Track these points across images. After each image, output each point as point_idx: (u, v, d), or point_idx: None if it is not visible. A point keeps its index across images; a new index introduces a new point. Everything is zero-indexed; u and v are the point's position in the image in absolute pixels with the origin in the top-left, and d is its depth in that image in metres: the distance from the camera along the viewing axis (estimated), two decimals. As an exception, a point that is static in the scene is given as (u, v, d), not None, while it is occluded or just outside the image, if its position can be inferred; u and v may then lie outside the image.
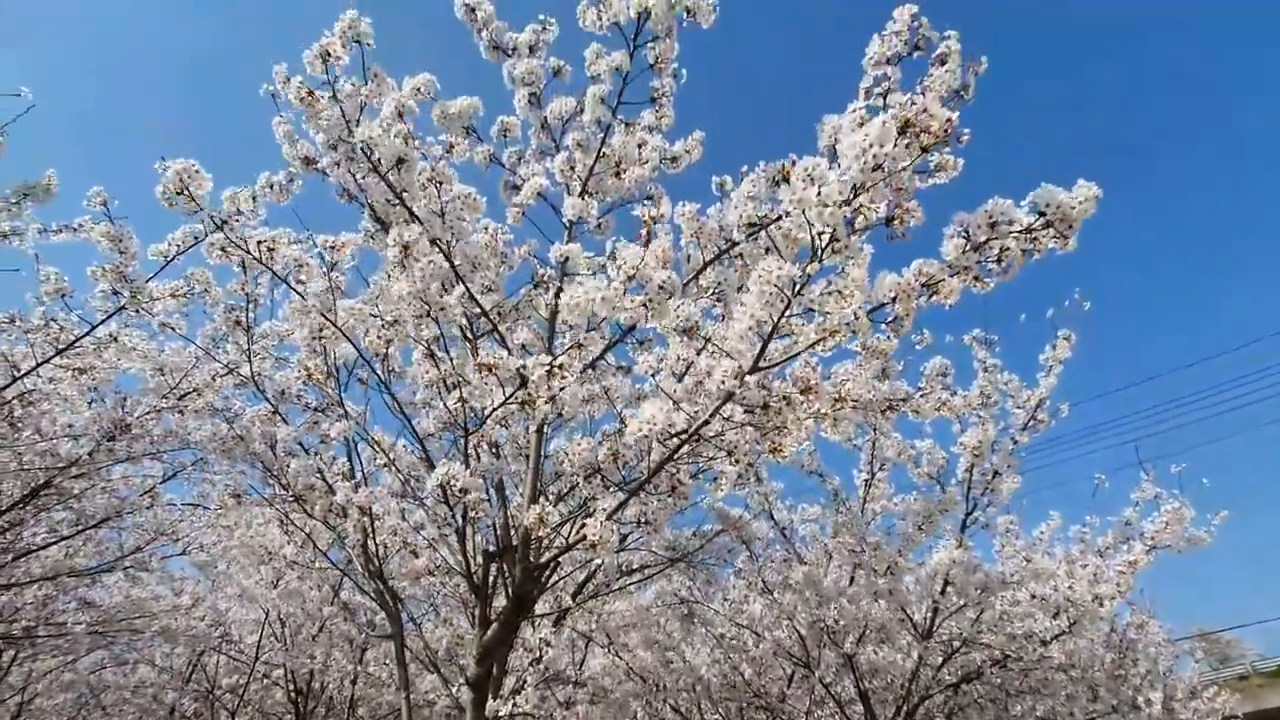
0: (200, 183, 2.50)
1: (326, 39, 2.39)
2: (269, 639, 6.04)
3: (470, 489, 2.34)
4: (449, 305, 2.38)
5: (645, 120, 3.02)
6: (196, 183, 2.48)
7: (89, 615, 4.95)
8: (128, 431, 3.70)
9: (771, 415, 2.24)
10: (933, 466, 4.26)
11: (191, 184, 2.46)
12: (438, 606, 5.49)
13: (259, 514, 5.06)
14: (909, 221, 2.01)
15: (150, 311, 3.29)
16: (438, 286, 2.55)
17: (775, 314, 2.06)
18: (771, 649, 4.82)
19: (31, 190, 3.89)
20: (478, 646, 2.54)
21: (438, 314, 2.48)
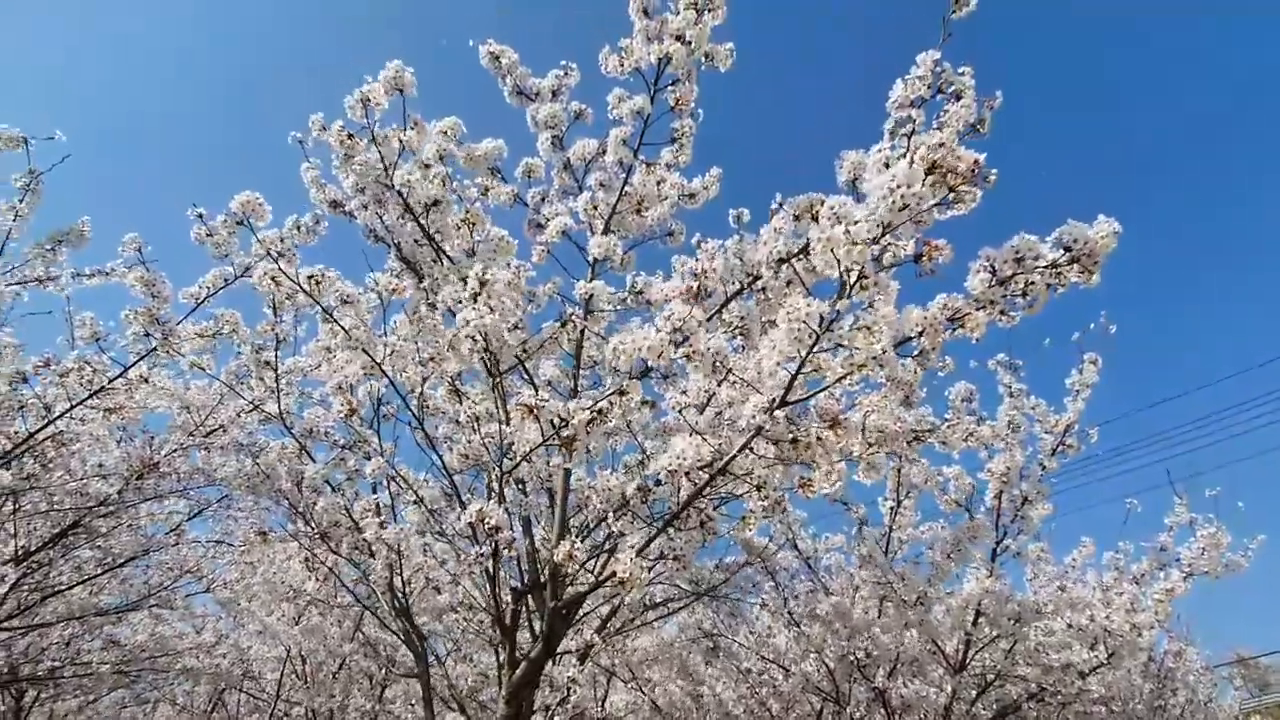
0: (261, 213, 2.57)
1: (369, 86, 2.47)
2: (289, 676, 6.01)
3: (502, 526, 2.34)
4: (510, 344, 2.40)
5: (664, 158, 3.07)
6: (258, 213, 2.56)
7: (114, 654, 4.95)
8: (156, 470, 3.75)
9: (800, 451, 2.23)
10: (960, 493, 4.19)
11: (253, 214, 2.54)
12: (458, 643, 5.44)
13: (281, 550, 5.08)
14: (937, 259, 2.02)
15: (180, 352, 3.36)
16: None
17: (804, 349, 2.07)
18: (800, 683, 4.72)
19: (66, 236, 4.02)
20: (507, 687, 2.52)
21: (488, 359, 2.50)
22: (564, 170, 3.07)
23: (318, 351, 3.42)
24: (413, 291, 3.16)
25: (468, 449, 3.21)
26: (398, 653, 6.05)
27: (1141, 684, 5.56)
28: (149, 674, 5.19)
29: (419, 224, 2.58)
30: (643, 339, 2.28)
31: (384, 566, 3.00)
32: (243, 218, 2.82)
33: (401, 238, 3.04)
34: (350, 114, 2.60)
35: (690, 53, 2.64)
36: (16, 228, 3.79)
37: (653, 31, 2.76)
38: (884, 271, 2.06)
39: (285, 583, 4.96)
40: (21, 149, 3.69)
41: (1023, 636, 4.38)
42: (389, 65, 2.63)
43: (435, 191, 2.49)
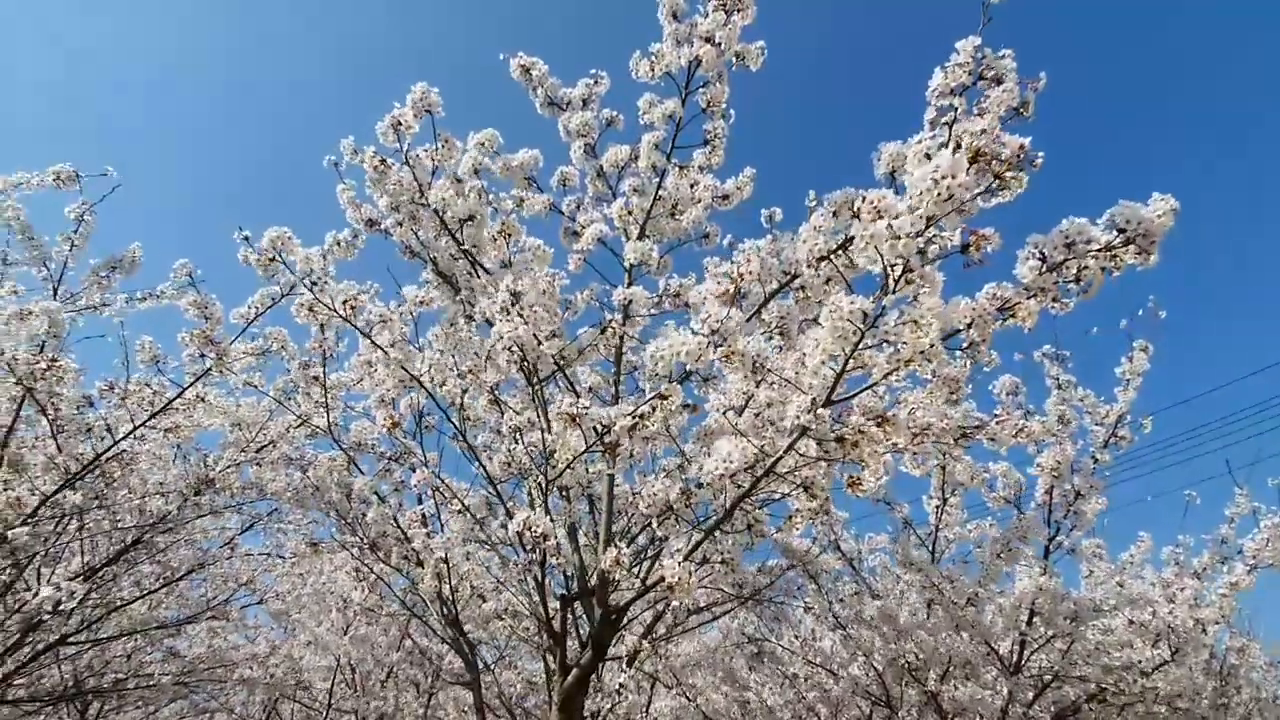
0: (291, 248, 2.65)
1: (398, 110, 2.53)
2: (340, 685, 6.12)
3: (548, 534, 2.36)
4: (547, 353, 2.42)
5: (697, 161, 3.07)
6: (289, 248, 2.64)
7: (174, 666, 5.11)
8: (211, 485, 3.86)
9: (847, 449, 2.20)
10: (1009, 490, 4.09)
11: (284, 249, 2.62)
12: (503, 651, 5.49)
13: (329, 561, 5.19)
14: (985, 248, 1.98)
15: (233, 371, 3.47)
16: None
17: (848, 347, 2.05)
18: (849, 687, 4.64)
19: (119, 263, 4.18)
20: (558, 693, 2.53)
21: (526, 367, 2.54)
22: (597, 177, 3.09)
23: (359, 366, 3.51)
24: (449, 305, 3.22)
25: (510, 457, 3.25)
26: (443, 661, 6.13)
27: (1204, 682, 5.34)
28: (207, 684, 5.35)
29: (455, 239, 2.63)
30: (681, 343, 2.28)
31: (432, 575, 3.04)
32: (275, 253, 2.91)
33: (437, 252, 3.10)
34: (383, 139, 2.66)
35: (720, 54, 2.64)
36: (72, 257, 3.97)
37: (682, 35, 2.77)
38: (929, 264, 2.03)
39: (334, 592, 5.06)
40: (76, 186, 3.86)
41: (1080, 636, 4.24)
42: (415, 88, 2.68)
43: (471, 206, 2.52)
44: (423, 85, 2.53)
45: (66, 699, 4.91)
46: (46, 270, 3.88)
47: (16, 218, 3.78)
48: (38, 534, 3.28)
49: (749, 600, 4.14)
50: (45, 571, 4.01)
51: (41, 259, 3.86)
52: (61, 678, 4.94)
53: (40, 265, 3.87)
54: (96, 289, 4.03)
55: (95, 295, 4.02)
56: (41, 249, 3.86)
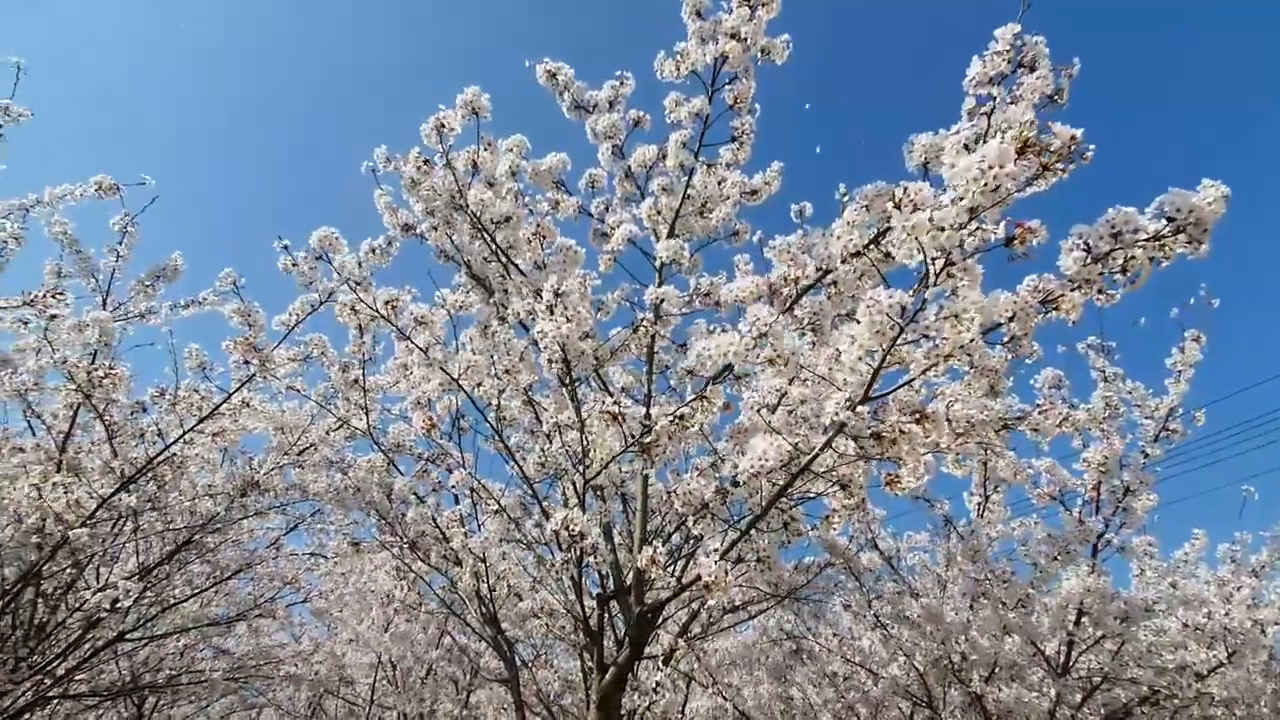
0: (338, 247, 2.72)
1: (444, 112, 2.57)
2: (382, 682, 6.26)
3: (586, 533, 2.37)
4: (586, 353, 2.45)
5: (724, 157, 3.05)
6: (335, 247, 2.71)
7: (224, 663, 5.29)
8: (257, 487, 3.98)
9: (885, 446, 2.17)
10: (1054, 486, 3.97)
11: (331, 249, 2.69)
12: (539, 649, 5.55)
13: (369, 560, 5.31)
14: (1031, 240, 1.93)
15: (276, 376, 3.57)
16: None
17: (886, 342, 2.02)
18: (889, 687, 4.57)
19: (162, 272, 4.32)
20: (597, 692, 2.54)
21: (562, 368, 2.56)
22: (626, 178, 3.09)
23: (396, 369, 3.58)
24: (484, 307, 3.26)
25: (544, 457, 3.28)
26: (481, 659, 6.22)
27: (1263, 684, 5.12)
28: (256, 681, 5.52)
29: (490, 240, 2.66)
30: (728, 344, 2.28)
31: (470, 574, 3.09)
32: (321, 253, 2.99)
33: (471, 255, 3.14)
34: (426, 140, 2.70)
35: (746, 49, 2.62)
36: (119, 268, 4.11)
37: (707, 32, 2.76)
38: (970, 257, 1.98)
39: (374, 591, 5.17)
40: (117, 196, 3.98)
41: (1131, 637, 4.10)
42: (467, 90, 2.72)
43: (507, 208, 2.55)
44: (474, 89, 2.57)
45: (124, 694, 5.12)
46: (95, 281, 4.03)
47: (64, 232, 3.93)
48: (96, 535, 3.41)
49: (786, 599, 4.10)
50: (103, 571, 4.18)
51: (90, 270, 4.01)
52: (119, 673, 5.15)
53: (89, 277, 4.02)
54: (143, 298, 4.17)
55: (142, 304, 4.16)
56: (89, 261, 4.01)
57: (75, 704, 4.96)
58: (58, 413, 3.63)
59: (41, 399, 3.52)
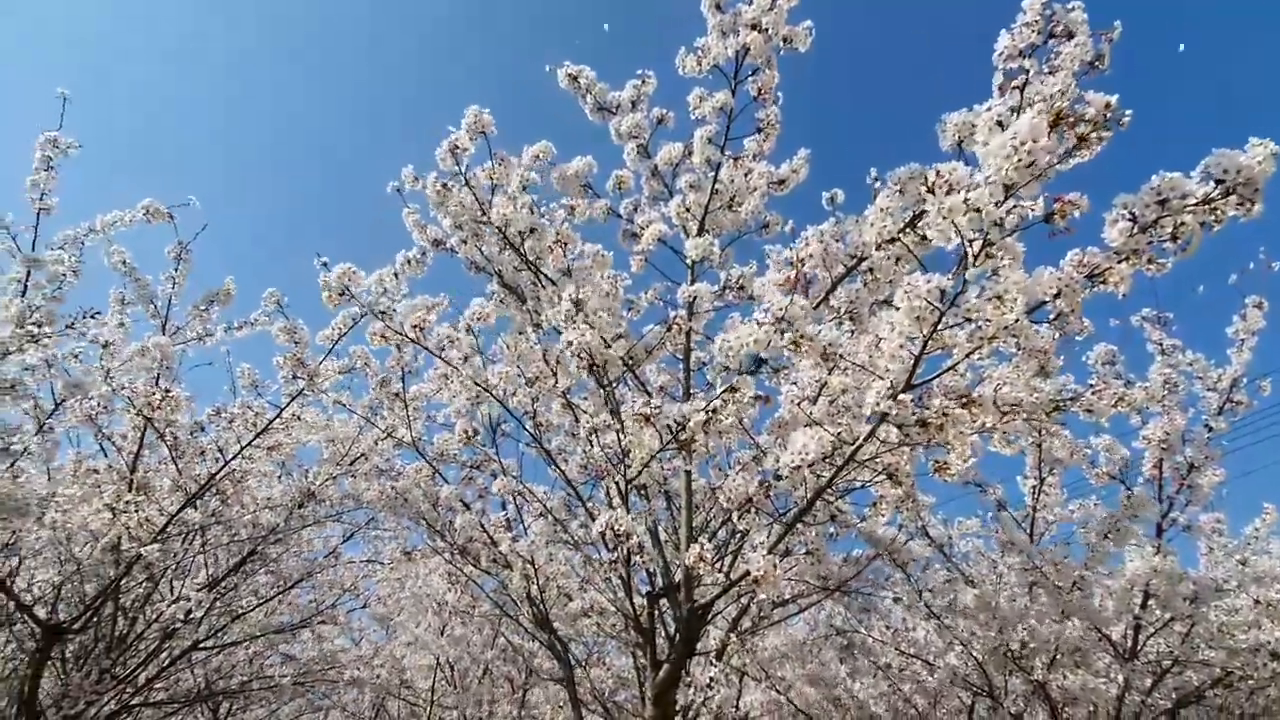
0: (357, 280, 2.80)
1: (454, 135, 2.62)
2: (441, 683, 6.42)
3: (631, 533, 2.39)
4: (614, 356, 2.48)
5: (750, 149, 3.03)
6: (354, 281, 2.79)
7: (291, 668, 5.50)
8: (313, 498, 4.13)
9: (932, 432, 2.13)
10: (1114, 465, 3.83)
11: (350, 283, 2.77)
12: (591, 648, 5.61)
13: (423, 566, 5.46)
14: (1071, 214, 1.87)
15: (323, 390, 3.69)
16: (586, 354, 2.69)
17: (926, 328, 1.98)
18: (947, 678, 4.48)
19: (216, 296, 4.50)
20: (652, 688, 2.56)
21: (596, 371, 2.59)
22: (653, 177, 3.10)
23: (437, 378, 3.66)
24: (517, 315, 3.31)
25: (586, 459, 3.32)
26: (535, 659, 6.33)
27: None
28: (321, 685, 5.73)
29: (519, 252, 2.70)
30: (748, 333, 2.27)
31: (520, 577, 3.14)
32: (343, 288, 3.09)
33: (501, 266, 3.19)
34: (442, 164, 2.75)
35: (768, 40, 2.60)
36: (175, 294, 4.30)
37: (727, 25, 2.74)
38: (1009, 236, 1.93)
39: (429, 595, 5.31)
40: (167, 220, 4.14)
41: (1201, 617, 3.93)
42: (469, 111, 2.76)
43: (531, 220, 2.59)
44: (475, 108, 2.61)
45: (200, 700, 5.37)
46: (154, 307, 4.23)
47: (122, 261, 4.13)
48: (167, 550, 3.59)
49: (835, 592, 4.05)
50: (176, 584, 4.39)
51: (148, 297, 4.21)
52: (195, 681, 5.41)
53: (149, 303, 4.22)
54: (198, 321, 4.36)
55: (198, 327, 4.35)
56: (147, 287, 4.21)
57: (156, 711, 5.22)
58: (126, 434, 3.82)
59: (111, 422, 3.72)
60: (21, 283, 3.07)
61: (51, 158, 3.14)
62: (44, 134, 3.15)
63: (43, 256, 3.11)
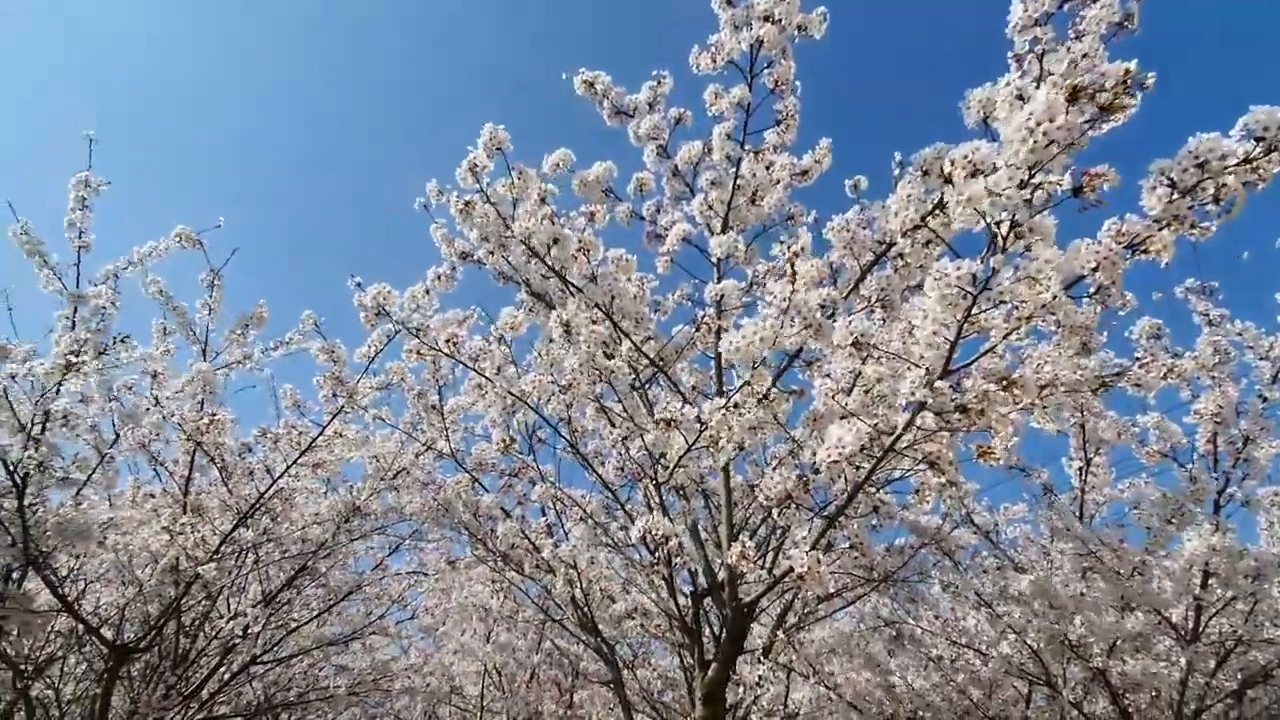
0: (391, 300, 2.87)
1: (473, 153, 2.66)
2: (490, 688, 6.51)
3: (671, 535, 2.40)
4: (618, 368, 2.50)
5: (770, 140, 3.01)
6: (389, 300, 2.86)
7: (345, 679, 5.64)
8: (358, 512, 4.23)
9: (973, 417, 2.09)
10: (1164, 443, 3.70)
11: (385, 302, 2.84)
12: (636, 650, 5.63)
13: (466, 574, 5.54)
14: (1101, 187, 1.82)
15: (362, 406, 3.78)
16: (601, 352, 2.71)
17: (959, 314, 1.94)
18: (1001, 667, 4.38)
19: (250, 320, 4.63)
20: (702, 688, 2.56)
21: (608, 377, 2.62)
22: (674, 177, 3.10)
23: (472, 389, 3.72)
24: (546, 323, 3.35)
25: (622, 462, 3.33)
26: (580, 661, 6.37)
27: None
28: (375, 694, 5.86)
29: (545, 263, 2.73)
30: (753, 330, 2.25)
31: (564, 582, 3.17)
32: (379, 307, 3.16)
33: (529, 275, 3.23)
34: (462, 183, 2.79)
35: (783, 30, 2.58)
36: (211, 320, 4.44)
37: (740, 19, 2.73)
38: (1038, 213, 1.89)
39: (474, 603, 5.39)
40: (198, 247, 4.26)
41: (1265, 595, 3.77)
42: (484, 129, 2.80)
43: (554, 231, 2.62)
44: (490, 126, 2.65)
45: (261, 713, 5.53)
46: (193, 334, 4.37)
47: (160, 291, 4.28)
48: (223, 569, 3.71)
49: (881, 584, 4.00)
50: (232, 602, 4.54)
51: (187, 324, 4.35)
52: (255, 695, 5.58)
53: (188, 330, 4.36)
54: (236, 345, 4.50)
55: (237, 351, 4.48)
56: (185, 315, 4.35)
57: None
58: (178, 459, 3.97)
59: (164, 448, 3.86)
60: (69, 318, 3.21)
61: (85, 197, 3.28)
62: (76, 175, 3.28)
63: (85, 292, 3.26)
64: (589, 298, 2.65)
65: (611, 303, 2.65)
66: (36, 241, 3.27)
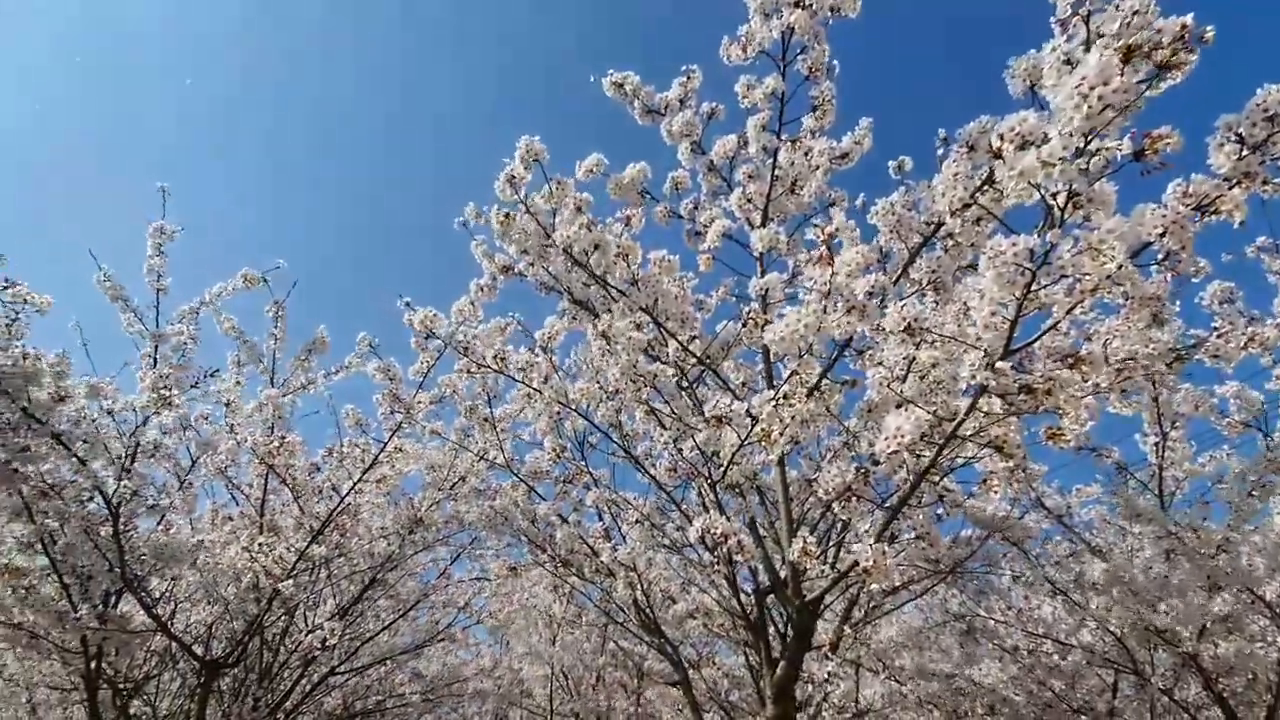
0: (438, 323, 2.96)
1: (510, 166, 2.70)
2: (558, 690, 6.60)
3: (730, 534, 2.38)
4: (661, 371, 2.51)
5: (807, 125, 2.96)
6: (436, 323, 2.95)
7: (419, 685, 5.81)
8: (420, 524, 4.35)
9: (1039, 398, 2.01)
10: (1247, 413, 3.48)
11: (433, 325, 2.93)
12: (700, 649, 5.63)
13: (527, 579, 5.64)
14: (1164, 148, 1.73)
15: (418, 421, 3.89)
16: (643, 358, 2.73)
17: (1018, 292, 1.87)
18: (1084, 657, 4.20)
19: (313, 346, 4.81)
20: (772, 686, 2.54)
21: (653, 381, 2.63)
22: (710, 172, 3.08)
23: (520, 399, 3.78)
24: (590, 330, 3.38)
25: (673, 462, 3.33)
26: (645, 661, 6.40)
27: None
28: (448, 699, 6.02)
29: (589, 270, 2.76)
30: (795, 319, 2.21)
31: (625, 585, 3.19)
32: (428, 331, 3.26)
33: (570, 283, 3.27)
34: (502, 195, 2.84)
35: (814, 14, 2.53)
36: (278, 349, 4.65)
37: (769, 6, 2.70)
38: (1096, 182, 1.80)
39: (537, 608, 5.48)
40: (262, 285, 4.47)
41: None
42: (521, 142, 2.83)
43: (595, 237, 2.64)
44: (526, 138, 2.69)
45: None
46: (263, 364, 4.59)
47: (232, 326, 4.51)
48: (299, 584, 3.87)
49: (948, 575, 3.88)
50: (309, 615, 4.73)
51: (256, 356, 4.57)
52: (335, 704, 5.80)
53: (257, 361, 4.58)
54: (301, 372, 4.69)
55: (301, 377, 4.68)
56: (255, 348, 4.57)
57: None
58: (252, 482, 4.16)
59: (239, 472, 4.06)
60: (152, 356, 3.41)
61: (161, 244, 3.47)
62: (152, 224, 3.48)
63: (165, 331, 3.45)
64: (632, 301, 2.66)
65: (655, 304, 2.66)
66: (119, 287, 3.49)
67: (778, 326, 2.18)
